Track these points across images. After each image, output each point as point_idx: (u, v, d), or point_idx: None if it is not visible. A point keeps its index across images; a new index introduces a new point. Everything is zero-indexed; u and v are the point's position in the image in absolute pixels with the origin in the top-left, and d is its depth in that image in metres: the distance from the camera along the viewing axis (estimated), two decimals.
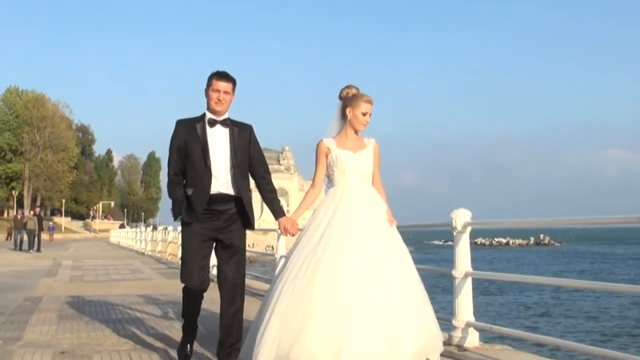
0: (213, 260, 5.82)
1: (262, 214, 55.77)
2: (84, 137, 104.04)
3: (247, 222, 4.44)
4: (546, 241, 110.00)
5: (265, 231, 17.08)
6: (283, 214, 4.51)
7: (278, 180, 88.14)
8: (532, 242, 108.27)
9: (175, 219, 4.40)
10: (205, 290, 4.48)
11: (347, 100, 4.43)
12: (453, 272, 5.30)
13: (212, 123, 4.37)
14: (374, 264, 4.02)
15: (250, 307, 4.85)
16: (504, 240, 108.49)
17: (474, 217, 5.29)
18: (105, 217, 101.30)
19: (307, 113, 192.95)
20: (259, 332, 3.93)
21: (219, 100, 4.34)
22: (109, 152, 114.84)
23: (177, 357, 4.67)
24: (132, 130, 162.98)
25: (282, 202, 4.94)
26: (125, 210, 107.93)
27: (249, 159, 4.46)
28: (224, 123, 4.40)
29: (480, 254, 63.34)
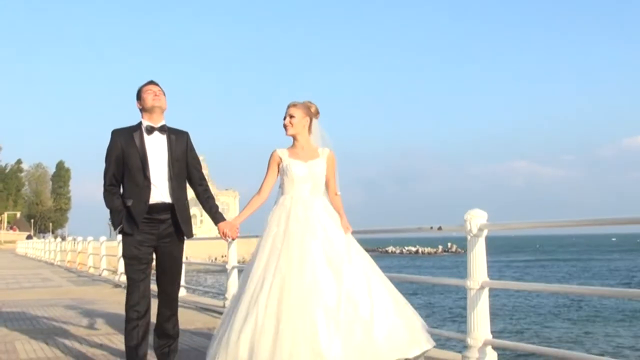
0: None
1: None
2: None
3: (185, 230, 4.49)
4: (453, 249, 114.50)
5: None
6: (223, 219, 4.57)
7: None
8: (440, 250, 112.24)
9: (115, 229, 4.45)
10: (147, 296, 4.48)
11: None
12: (467, 282, 4.74)
13: (150, 130, 4.39)
14: (336, 270, 4.09)
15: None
16: (413, 249, 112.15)
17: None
18: (11, 228, 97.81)
19: (223, 123, 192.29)
20: (226, 348, 3.93)
21: (156, 95, 4.41)
22: (18, 161, 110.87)
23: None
24: (41, 139, 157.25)
25: (196, 211, 5.60)
26: (32, 221, 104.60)
27: (186, 166, 4.52)
28: (162, 130, 4.43)
29: (396, 262, 65.71)
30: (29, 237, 64.35)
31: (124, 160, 4.34)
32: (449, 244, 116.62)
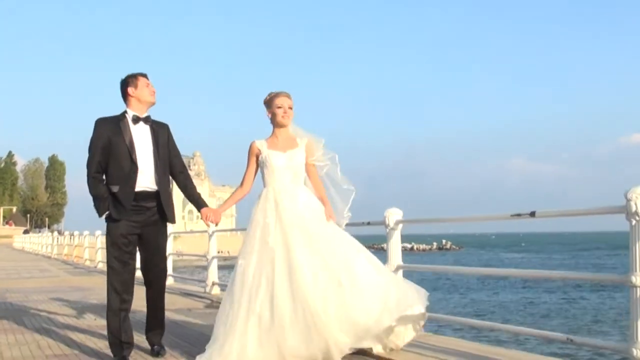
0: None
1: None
2: None
3: (168, 215, 4.59)
4: (448, 246, 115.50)
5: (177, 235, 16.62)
6: (205, 204, 4.68)
7: None
8: (434, 247, 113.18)
9: (100, 216, 4.47)
10: (131, 283, 4.57)
11: (267, 103, 4.61)
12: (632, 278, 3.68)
13: (136, 120, 4.50)
14: (330, 255, 4.24)
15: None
16: (408, 246, 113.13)
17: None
18: (7, 223, 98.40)
19: (219, 119, 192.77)
20: (232, 342, 4.05)
21: (154, 92, 4.59)
22: (10, 154, 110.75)
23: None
24: (35, 133, 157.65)
25: (193, 207, 5.03)
26: (29, 216, 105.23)
27: (168, 154, 4.64)
28: (146, 120, 4.55)
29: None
30: (25, 232, 65.09)
31: (110, 148, 4.41)
32: (444, 241, 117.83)
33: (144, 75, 4.60)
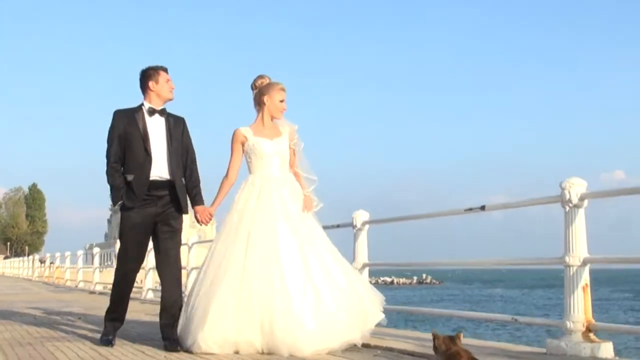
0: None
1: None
2: None
3: (182, 204, 4.65)
4: (428, 280, 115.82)
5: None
6: (201, 203, 4.70)
7: None
8: (415, 281, 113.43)
9: (114, 205, 4.65)
10: (137, 271, 4.77)
11: (263, 88, 4.55)
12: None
13: (151, 112, 4.62)
14: (297, 251, 4.20)
15: None
16: (389, 279, 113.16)
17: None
18: None
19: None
20: (200, 317, 4.11)
21: (173, 89, 4.71)
22: None
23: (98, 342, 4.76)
24: (16, 162, 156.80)
25: None
26: (9, 244, 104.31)
27: (181, 147, 4.70)
28: (162, 113, 4.66)
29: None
30: (6, 258, 64.65)
31: (125, 137, 4.56)
32: (424, 275, 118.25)
33: (165, 70, 4.70)
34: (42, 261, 29.82)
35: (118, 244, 4.85)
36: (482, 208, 4.74)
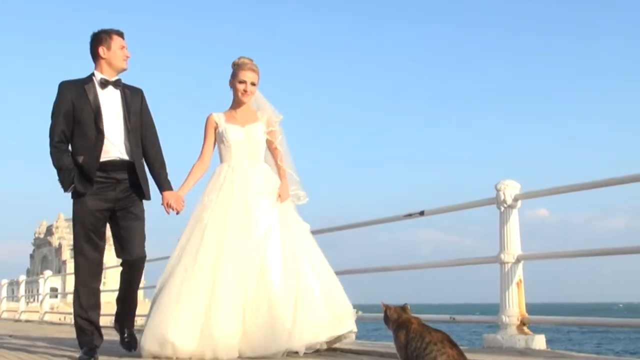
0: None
1: None
2: None
3: (144, 190, 4.12)
4: None
5: None
6: (169, 188, 4.18)
7: None
8: None
9: (65, 190, 4.00)
10: (100, 275, 4.16)
11: (232, 71, 4.27)
12: None
13: (104, 84, 4.04)
14: (263, 249, 3.95)
15: None
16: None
17: None
18: None
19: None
20: (163, 319, 3.84)
21: (128, 56, 4.13)
22: None
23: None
24: None
25: None
26: None
27: (140, 123, 4.15)
28: (117, 84, 4.08)
29: None
30: None
31: (74, 114, 3.99)
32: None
33: (120, 35, 4.10)
34: None
35: (46, 274, 4.47)
36: (422, 213, 4.94)
